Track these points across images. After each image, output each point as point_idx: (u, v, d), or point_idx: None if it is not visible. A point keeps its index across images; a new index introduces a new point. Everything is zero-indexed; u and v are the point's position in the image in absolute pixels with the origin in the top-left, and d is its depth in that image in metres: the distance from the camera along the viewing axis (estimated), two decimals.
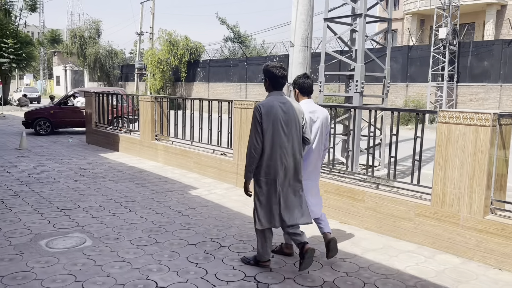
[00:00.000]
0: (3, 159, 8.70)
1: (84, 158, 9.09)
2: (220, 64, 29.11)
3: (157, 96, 8.87)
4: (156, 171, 7.77)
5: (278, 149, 3.44)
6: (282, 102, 3.51)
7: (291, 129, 3.48)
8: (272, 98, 3.54)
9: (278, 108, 3.45)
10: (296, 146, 3.53)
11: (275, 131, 3.42)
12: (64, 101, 13.81)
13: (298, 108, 3.58)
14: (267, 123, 3.41)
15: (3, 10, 25.48)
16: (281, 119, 3.44)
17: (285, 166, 3.48)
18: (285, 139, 3.46)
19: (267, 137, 3.42)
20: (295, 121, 3.50)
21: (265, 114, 3.42)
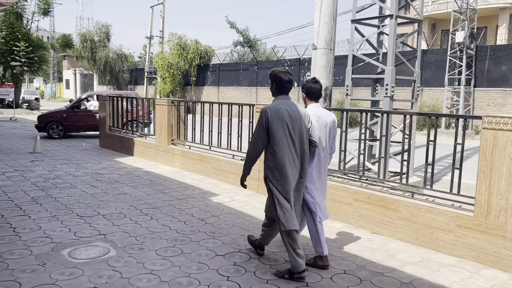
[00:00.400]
0: (18, 163, 8.57)
1: (99, 162, 8.93)
2: (230, 68, 28.99)
3: (174, 99, 8.71)
4: (174, 177, 7.59)
5: (287, 151, 3.50)
6: (288, 106, 3.58)
7: (297, 132, 3.55)
8: (279, 102, 3.61)
9: (285, 112, 3.52)
10: (303, 149, 3.59)
11: (282, 134, 3.49)
12: (77, 104, 13.70)
13: (304, 112, 3.64)
14: (274, 126, 3.48)
15: (15, 14, 25.57)
16: (287, 122, 3.51)
17: (294, 168, 3.54)
18: (292, 142, 3.53)
19: (275, 140, 3.49)
20: (300, 124, 3.57)
21: (271, 117, 3.49)
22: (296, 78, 23.86)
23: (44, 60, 26.89)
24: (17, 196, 5.95)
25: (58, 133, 13.14)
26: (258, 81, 26.53)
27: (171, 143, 8.77)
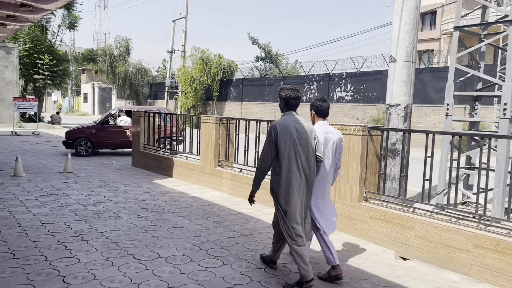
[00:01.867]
0: (50, 185, 7.78)
1: (138, 185, 8.10)
2: (254, 83, 28.29)
3: (223, 117, 7.88)
4: (227, 204, 6.70)
5: (294, 166, 3.61)
6: (296, 121, 3.70)
7: (304, 147, 3.66)
8: (287, 117, 3.74)
9: (293, 127, 3.65)
10: (309, 164, 3.68)
11: (290, 149, 3.61)
12: (106, 120, 12.99)
13: (310, 128, 3.77)
14: (282, 141, 3.61)
15: (40, 27, 25.32)
16: (295, 138, 3.63)
17: (300, 182, 3.63)
18: (299, 156, 3.63)
19: (283, 154, 3.61)
20: (307, 139, 3.68)
21: (280, 132, 3.62)
22: (325, 93, 23.00)
23: (67, 74, 26.52)
24: (57, 229, 5.11)
25: (86, 150, 12.41)
26: None
27: (218, 165, 7.91)
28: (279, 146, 3.61)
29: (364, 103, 21.08)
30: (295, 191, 3.61)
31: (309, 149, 3.69)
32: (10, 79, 23.67)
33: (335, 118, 22.40)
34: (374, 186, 5.38)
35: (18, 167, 8.70)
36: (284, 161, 3.61)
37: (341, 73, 22.33)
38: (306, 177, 3.67)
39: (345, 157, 5.32)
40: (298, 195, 3.63)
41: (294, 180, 3.60)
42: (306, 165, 3.66)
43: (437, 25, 38.98)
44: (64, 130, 22.85)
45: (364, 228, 5.11)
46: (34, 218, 5.56)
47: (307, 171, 3.67)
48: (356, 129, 5.20)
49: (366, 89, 21.05)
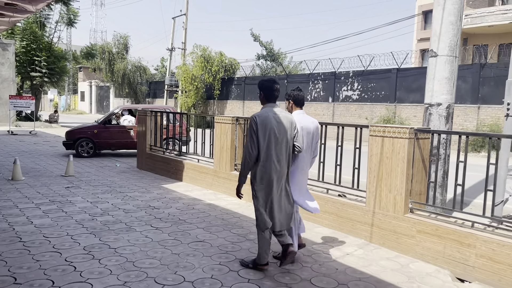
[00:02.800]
0: (51, 191, 7.16)
1: (146, 190, 7.49)
2: (257, 81, 27.54)
3: (240, 117, 7.28)
4: (247, 213, 6.10)
5: (272, 156, 3.75)
6: (275, 113, 3.82)
7: (283, 137, 3.79)
8: (267, 109, 3.86)
9: (272, 119, 3.77)
10: (288, 153, 3.86)
11: (269, 140, 3.74)
12: (109, 119, 12.34)
13: (290, 119, 3.90)
14: (262, 132, 3.72)
15: (37, 23, 24.57)
16: (274, 129, 3.75)
17: (278, 171, 3.78)
18: (278, 146, 3.77)
19: (262, 145, 3.73)
20: (286, 130, 3.81)
21: (260, 124, 3.73)
22: (331, 92, 22.44)
23: (65, 71, 25.79)
24: (63, 244, 4.50)
25: (87, 151, 11.76)
26: None
27: (234, 169, 7.31)
28: (259, 137, 3.73)
29: (372, 102, 20.52)
30: (273, 180, 3.77)
31: (288, 140, 3.85)
32: (6, 77, 22.94)
33: (341, 118, 21.85)
34: (420, 196, 4.81)
35: (16, 170, 8.07)
36: (262, 151, 3.75)
37: (347, 72, 21.76)
38: (284, 167, 3.85)
39: (387, 163, 4.74)
40: (275, 184, 3.79)
41: (273, 170, 3.76)
42: (284, 155, 3.83)
43: None
44: (62, 130, 22.19)
45: (410, 243, 4.53)
46: (36, 230, 4.95)
47: (285, 161, 3.85)
48: (402, 132, 4.62)
49: (374, 88, 20.49)
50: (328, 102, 22.61)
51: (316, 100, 23.31)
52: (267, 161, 3.75)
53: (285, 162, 3.84)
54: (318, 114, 23.10)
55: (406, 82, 19.06)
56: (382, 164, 4.82)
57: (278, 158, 3.78)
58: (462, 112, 17.28)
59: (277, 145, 3.77)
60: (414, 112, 18.64)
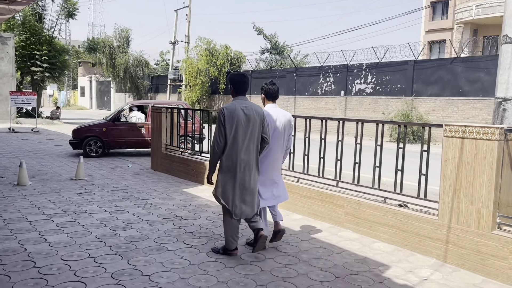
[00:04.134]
0: (62, 198, 6.41)
1: (168, 196, 6.75)
2: (264, 75, 26.85)
3: None
4: (289, 224, 5.36)
5: (238, 146, 3.93)
6: (244, 105, 4.00)
7: (251, 129, 3.98)
8: (235, 102, 4.03)
9: (240, 111, 3.94)
10: (254, 144, 4.03)
11: (236, 131, 3.92)
12: (118, 116, 11.56)
13: (258, 111, 4.06)
14: (229, 123, 3.91)
15: (36, 15, 23.66)
16: (242, 121, 3.93)
17: (244, 161, 3.96)
18: (245, 137, 3.94)
19: (229, 136, 3.92)
20: (254, 122, 3.99)
21: (227, 116, 3.91)
22: (343, 85, 21.65)
23: (67, 66, 24.90)
24: (87, 270, 3.76)
25: (96, 151, 11.00)
26: (296, 89, 24.34)
27: None
28: (226, 128, 3.89)
29: (387, 96, 19.74)
30: (238, 169, 3.94)
31: (255, 131, 4.00)
32: (6, 72, 22.09)
33: (353, 112, 21.09)
34: (507, 209, 4.06)
35: (22, 174, 7.31)
36: (229, 142, 3.91)
37: (360, 64, 20.96)
38: (251, 156, 4.01)
39: (469, 170, 3.99)
40: (241, 173, 3.96)
41: (238, 159, 3.92)
42: (252, 145, 4.00)
43: (449, 14, 37.61)
44: (65, 126, 21.42)
45: (501, 266, 3.80)
46: (52, 251, 4.20)
47: (253, 151, 4.01)
48: (490, 133, 3.86)
49: (389, 81, 19.70)
50: (340, 95, 21.83)
51: (327, 94, 22.52)
52: (233, 151, 3.93)
53: (252, 152, 4.02)
54: (329, 109, 22.35)
55: (424, 74, 18.28)
56: (461, 170, 4.07)
57: (244, 148, 3.95)
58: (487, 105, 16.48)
59: (244, 136, 3.95)
60: (433, 105, 17.88)
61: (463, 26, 34.48)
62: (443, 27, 37.59)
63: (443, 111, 17.51)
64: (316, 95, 23.12)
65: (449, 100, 17.32)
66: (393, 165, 4.89)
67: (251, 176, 4.03)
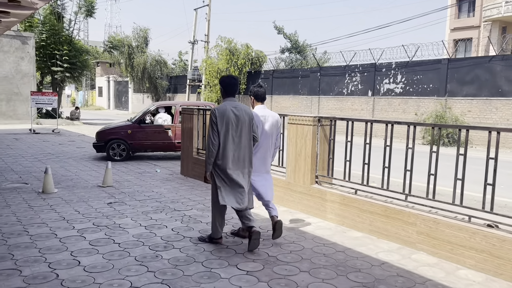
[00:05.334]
0: (92, 209, 5.84)
1: (205, 207, 6.13)
2: (286, 74, 26.15)
3: (323, 117, 5.84)
4: (350, 244, 4.68)
5: (230, 144, 4.19)
6: (234, 106, 4.27)
7: (241, 128, 4.25)
8: (226, 103, 4.30)
9: (230, 112, 4.21)
10: (246, 142, 4.30)
11: (226, 130, 4.18)
12: (143, 118, 11.02)
13: (247, 112, 4.33)
14: (221, 123, 4.17)
15: (55, 14, 23.37)
16: (232, 120, 4.19)
17: (235, 157, 4.23)
18: (236, 136, 4.22)
19: (221, 135, 4.17)
20: (244, 122, 4.26)
21: (219, 116, 4.18)
22: (371, 85, 20.82)
23: (87, 66, 24.59)
24: None
25: (120, 154, 10.47)
26: (320, 89, 23.57)
27: (316, 181, 5.90)
28: (218, 127, 4.14)
29: (418, 96, 18.86)
30: (230, 164, 4.19)
31: (245, 130, 4.26)
32: (27, 72, 21.86)
33: (382, 113, 20.26)
34: None
35: (47, 181, 6.78)
36: (221, 140, 4.16)
37: (389, 63, 20.10)
38: (244, 153, 4.26)
39: None
40: (233, 168, 4.20)
41: (230, 155, 4.18)
42: (243, 143, 4.24)
43: (476, 11, 36.31)
44: (85, 127, 21.07)
45: None
46: (88, 278, 3.61)
47: (245, 148, 4.26)
48: None
49: (420, 80, 18.81)
50: (367, 96, 21.01)
51: (353, 94, 21.71)
52: (225, 148, 4.18)
53: (244, 149, 4.28)
54: (355, 109, 21.55)
55: (459, 73, 17.36)
56: None
57: (235, 146, 4.22)
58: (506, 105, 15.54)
59: (235, 134, 4.21)
60: (469, 106, 16.95)
61: (491, 24, 33.27)
62: (470, 25, 36.28)
63: (480, 112, 16.58)
64: (341, 95, 22.33)
65: (487, 101, 16.39)
66: (447, 173, 4.18)
67: (244, 172, 4.31)
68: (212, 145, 4.17)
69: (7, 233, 4.72)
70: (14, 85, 21.61)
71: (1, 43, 20.99)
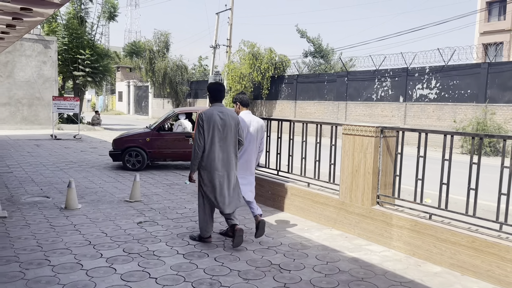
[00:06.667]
0: (121, 230, 5.15)
1: (247, 229, 5.37)
2: (311, 79, 25.32)
3: (386, 127, 5.04)
4: (429, 282, 3.86)
5: (215, 148, 4.43)
6: (220, 111, 4.51)
7: (227, 132, 4.48)
8: (213, 108, 4.55)
9: (217, 116, 4.45)
10: (231, 145, 4.53)
11: (213, 133, 4.42)
12: (163, 125, 10.35)
13: (233, 116, 4.57)
14: (207, 127, 4.40)
15: (78, 18, 23.10)
16: (218, 125, 4.43)
17: (221, 160, 4.46)
18: (221, 140, 4.45)
19: (207, 138, 4.41)
20: (230, 126, 4.50)
21: (206, 120, 4.41)
22: (403, 91, 19.84)
23: (109, 70, 24.24)
24: None
25: (135, 164, 9.79)
26: (348, 94, 22.67)
27: (377, 202, 5.09)
28: (205, 131, 4.40)
29: (454, 102, 17.81)
30: (216, 167, 4.44)
31: (231, 134, 4.51)
32: (49, 76, 21.58)
33: (415, 120, 19.25)
34: None
35: (71, 196, 6.13)
36: (207, 144, 4.43)
37: (423, 67, 19.10)
38: (229, 156, 4.50)
39: None
40: (219, 170, 4.45)
41: (216, 158, 4.43)
42: (228, 147, 4.50)
43: (507, 14, 34.91)
44: (107, 133, 20.62)
45: None
46: None
47: (228, 153, 4.51)
48: None
49: (456, 85, 17.77)
50: (399, 102, 20.02)
51: (383, 100, 20.75)
52: (210, 151, 4.42)
53: (230, 152, 4.49)
54: (386, 116, 20.58)
55: (501, 78, 16.28)
56: None
57: (221, 149, 4.44)
58: None
59: (221, 138, 4.43)
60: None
61: None
62: (500, 29, 34.91)
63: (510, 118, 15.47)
64: (370, 101, 21.39)
65: None
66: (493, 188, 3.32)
67: (230, 173, 4.52)
68: (198, 147, 4.41)
69: (26, 262, 4.05)
70: (36, 90, 21.35)
71: (24, 47, 20.77)
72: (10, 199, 6.63)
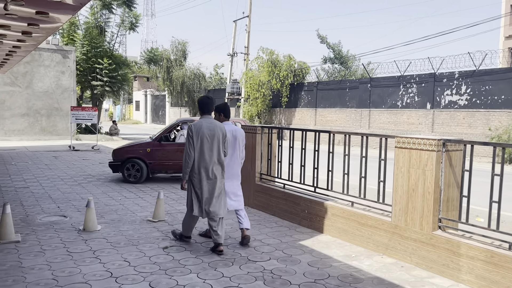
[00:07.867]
0: (146, 258, 4.56)
1: (287, 256, 4.74)
2: (332, 86, 24.63)
3: (450, 140, 4.37)
4: None
5: (204, 157, 4.68)
6: (209, 123, 4.77)
7: (214, 142, 4.73)
8: (202, 120, 4.80)
9: (205, 128, 4.70)
10: (218, 156, 4.77)
11: (201, 143, 4.67)
12: (166, 135, 9.82)
13: (221, 128, 4.82)
14: (196, 137, 4.67)
15: (97, 28, 22.95)
16: (206, 136, 4.69)
17: (209, 169, 4.70)
18: (209, 150, 4.70)
19: (196, 147, 4.66)
20: (218, 137, 4.75)
21: (195, 132, 4.68)
22: (430, 97, 19.00)
23: (127, 80, 23.98)
24: None
25: (134, 176, 9.27)
26: (371, 101, 21.91)
27: (438, 227, 4.40)
28: (194, 141, 4.65)
29: (487, 108, 16.91)
30: (204, 175, 4.70)
31: (218, 145, 4.75)
32: (67, 86, 21.39)
33: (443, 128, 18.37)
34: None
35: (90, 217, 5.59)
36: (196, 154, 4.67)
37: (451, 72, 18.26)
38: (217, 166, 4.75)
39: None
40: (207, 178, 4.70)
41: (203, 167, 4.68)
42: (215, 157, 4.73)
43: None
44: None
45: None
46: None
47: (216, 162, 4.75)
48: None
49: (489, 91, 16.89)
50: (426, 108, 19.18)
51: (409, 107, 19.93)
52: (200, 160, 4.69)
53: (218, 162, 4.76)
54: (412, 123, 19.75)
55: None
56: None
57: (209, 159, 4.70)
58: None
59: (208, 148, 4.69)
60: None
61: None
62: None
63: None
64: (395, 108, 20.59)
65: None
66: None
67: (216, 182, 4.74)
68: (189, 157, 4.65)
69: None
70: (54, 100, 21.17)
71: (42, 57, 20.64)
72: (25, 219, 6.13)
